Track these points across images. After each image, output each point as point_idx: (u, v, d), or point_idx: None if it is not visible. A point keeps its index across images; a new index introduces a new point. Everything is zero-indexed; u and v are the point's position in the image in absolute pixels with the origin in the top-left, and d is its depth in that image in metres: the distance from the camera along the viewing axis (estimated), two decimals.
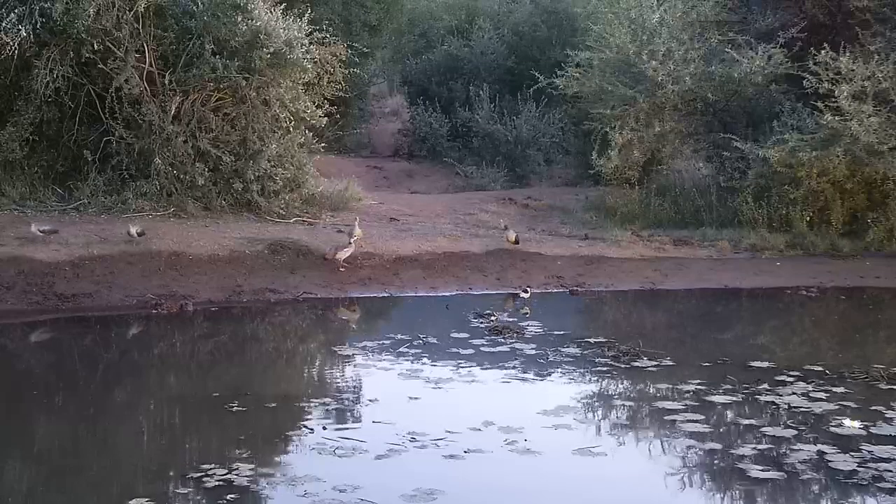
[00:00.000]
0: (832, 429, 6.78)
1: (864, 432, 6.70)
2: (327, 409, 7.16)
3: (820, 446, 6.41)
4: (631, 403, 7.71)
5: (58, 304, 10.07)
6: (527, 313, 10.91)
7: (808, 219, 14.31)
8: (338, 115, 15.32)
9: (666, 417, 7.09)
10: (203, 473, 5.76)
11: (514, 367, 8.43)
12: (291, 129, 13.61)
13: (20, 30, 11.85)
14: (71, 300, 10.16)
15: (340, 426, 6.82)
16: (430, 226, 14.29)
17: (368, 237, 12.50)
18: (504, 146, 20.56)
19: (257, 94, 13.30)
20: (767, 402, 7.44)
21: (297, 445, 6.51)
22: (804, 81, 14.41)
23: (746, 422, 7.03)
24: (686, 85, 15.48)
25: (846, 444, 6.46)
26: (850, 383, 7.92)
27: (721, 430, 6.96)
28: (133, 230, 11.39)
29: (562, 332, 9.76)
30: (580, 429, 6.88)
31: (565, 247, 13.55)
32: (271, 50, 12.76)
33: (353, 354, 8.94)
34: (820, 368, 8.35)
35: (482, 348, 8.98)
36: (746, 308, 12.13)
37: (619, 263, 13.01)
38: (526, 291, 11.44)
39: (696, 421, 6.94)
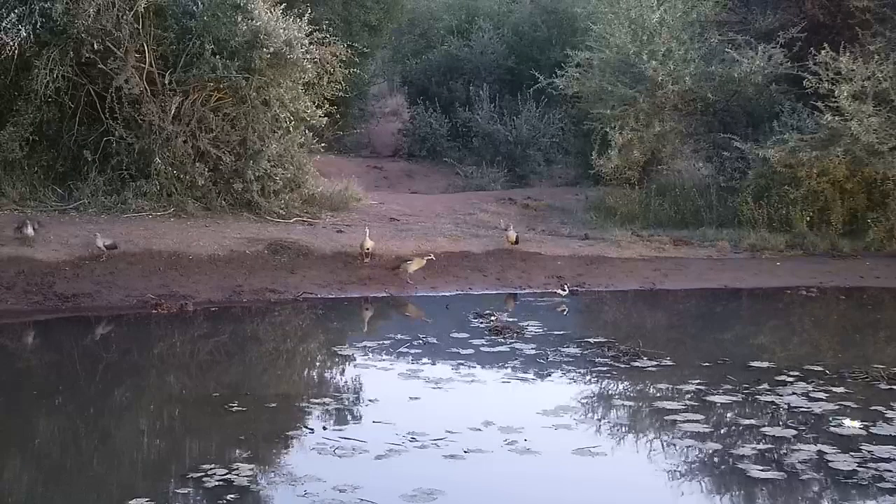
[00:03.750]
0: (832, 429, 6.78)
1: (864, 432, 6.71)
2: (327, 409, 7.16)
3: (820, 446, 6.41)
4: (631, 403, 7.71)
5: (58, 304, 10.06)
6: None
7: (808, 219, 14.33)
8: (338, 115, 15.30)
9: (666, 417, 7.08)
10: (203, 473, 5.75)
11: (514, 367, 8.43)
12: (291, 129, 13.61)
13: (20, 30, 11.86)
14: (71, 300, 10.15)
15: (340, 426, 6.82)
16: (430, 226, 14.29)
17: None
18: (504, 146, 20.56)
19: (257, 94, 13.30)
20: (767, 402, 7.45)
21: (297, 445, 6.50)
22: (804, 81, 14.41)
23: (746, 422, 7.04)
24: (686, 85, 15.49)
25: (846, 444, 6.46)
26: (850, 383, 7.92)
27: (721, 430, 6.96)
28: (101, 242, 11.00)
29: (562, 332, 9.76)
30: (580, 429, 6.88)
31: (565, 247, 13.55)
32: (271, 50, 12.76)
33: (353, 354, 8.94)
34: (820, 368, 8.36)
35: (482, 348, 8.98)
36: (746, 308, 12.14)
37: (619, 263, 13.01)
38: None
39: (696, 421, 6.94)
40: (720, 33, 16.05)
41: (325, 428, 6.73)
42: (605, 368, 8.40)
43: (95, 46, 12.48)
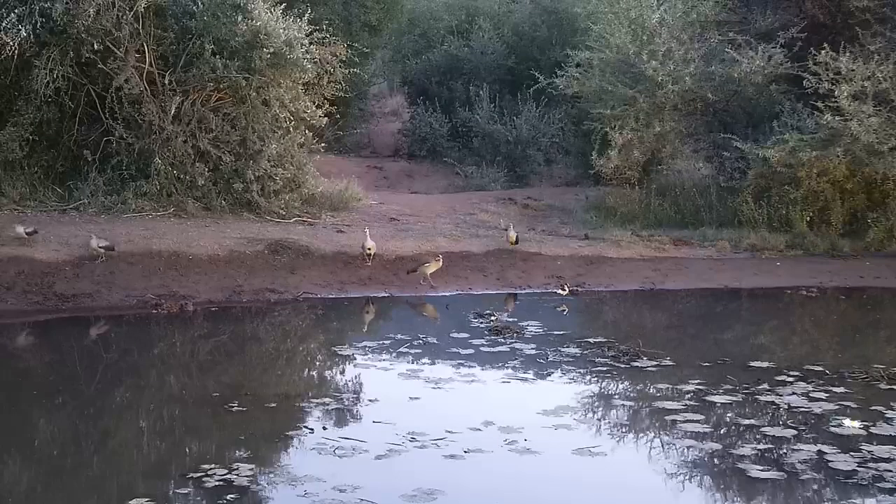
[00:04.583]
0: (832, 429, 6.78)
1: (864, 432, 6.70)
2: (327, 409, 7.16)
3: (820, 446, 6.40)
4: (631, 403, 7.71)
5: (58, 304, 10.06)
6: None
7: (808, 219, 14.33)
8: (338, 115, 15.31)
9: (666, 417, 7.09)
10: (203, 473, 5.75)
11: (514, 367, 8.43)
12: (291, 129, 13.63)
13: (20, 30, 11.86)
14: (71, 300, 10.15)
15: (340, 426, 6.82)
16: (430, 226, 14.29)
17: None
18: (504, 146, 20.56)
19: (257, 94, 13.31)
20: (767, 402, 7.44)
21: (297, 445, 6.50)
22: (804, 81, 14.41)
23: (746, 422, 7.04)
24: (686, 85, 15.47)
25: (846, 444, 6.46)
26: (850, 383, 7.92)
27: (721, 430, 6.96)
28: (95, 244, 10.89)
29: (562, 332, 9.76)
30: (580, 429, 6.88)
31: (565, 247, 13.55)
32: (271, 50, 12.77)
33: (353, 354, 8.95)
34: (820, 368, 8.36)
35: (482, 348, 8.98)
36: (746, 308, 12.14)
37: (619, 263, 13.01)
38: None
39: (696, 421, 6.94)
40: (720, 33, 16.03)
41: (325, 428, 6.73)
42: (605, 368, 8.40)
43: (95, 46, 12.48)
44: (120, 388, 8.04)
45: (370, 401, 7.46)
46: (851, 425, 6.84)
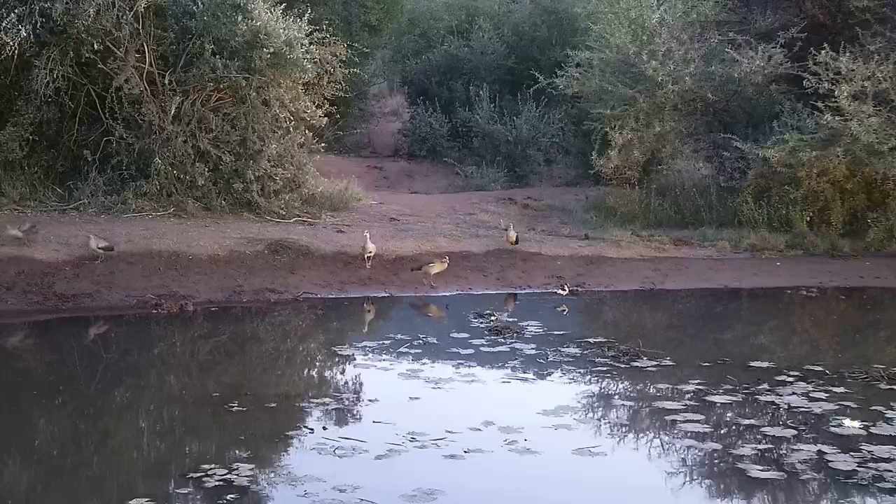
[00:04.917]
0: (832, 429, 6.78)
1: (864, 432, 6.71)
2: (327, 409, 7.16)
3: (820, 446, 6.40)
4: (631, 403, 7.71)
5: (58, 304, 10.06)
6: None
7: (808, 219, 14.34)
8: (338, 115, 15.31)
9: (666, 417, 7.09)
10: (203, 473, 5.75)
11: (514, 367, 8.43)
12: (291, 129, 13.63)
13: (20, 30, 11.86)
14: (71, 300, 10.15)
15: (340, 426, 6.82)
16: (430, 226, 14.29)
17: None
18: (504, 146, 20.57)
19: (257, 94, 13.30)
20: (767, 402, 7.45)
21: (297, 445, 6.50)
22: (804, 81, 14.42)
23: (746, 422, 7.04)
24: (686, 85, 15.47)
25: (846, 444, 6.46)
26: (850, 383, 7.92)
27: (721, 430, 6.96)
28: (94, 244, 10.84)
29: (562, 332, 9.76)
30: (580, 429, 6.88)
31: (565, 247, 13.55)
32: (271, 50, 12.77)
33: (353, 354, 8.95)
34: (820, 368, 8.36)
35: (482, 348, 8.98)
36: (746, 308, 12.14)
37: (619, 263, 13.02)
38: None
39: (696, 421, 6.94)
40: (720, 33, 16.03)
41: (325, 428, 6.73)
42: (605, 368, 8.40)
43: (95, 46, 12.48)
44: (120, 388, 8.04)
45: (370, 401, 7.46)
46: (851, 425, 6.85)
